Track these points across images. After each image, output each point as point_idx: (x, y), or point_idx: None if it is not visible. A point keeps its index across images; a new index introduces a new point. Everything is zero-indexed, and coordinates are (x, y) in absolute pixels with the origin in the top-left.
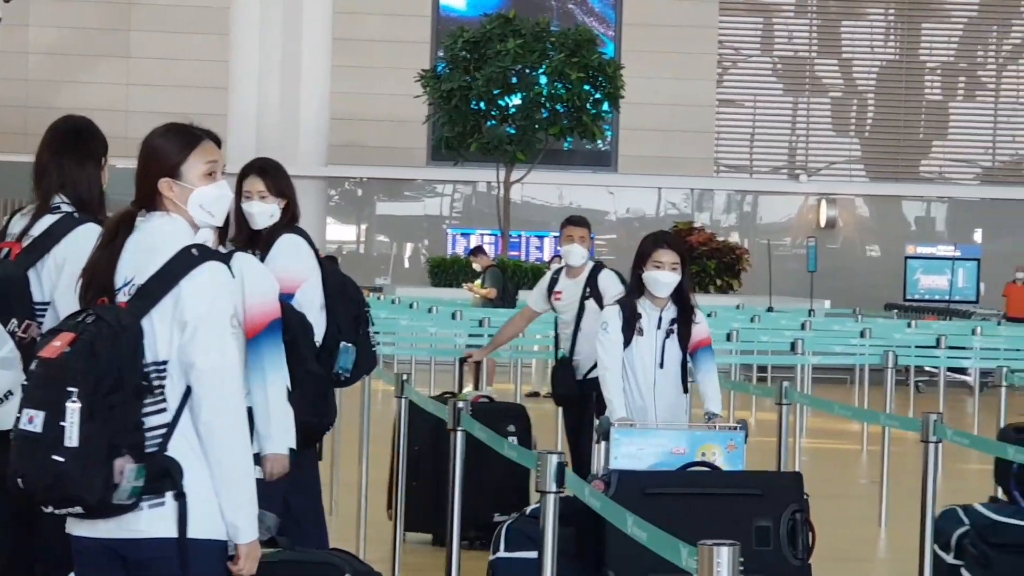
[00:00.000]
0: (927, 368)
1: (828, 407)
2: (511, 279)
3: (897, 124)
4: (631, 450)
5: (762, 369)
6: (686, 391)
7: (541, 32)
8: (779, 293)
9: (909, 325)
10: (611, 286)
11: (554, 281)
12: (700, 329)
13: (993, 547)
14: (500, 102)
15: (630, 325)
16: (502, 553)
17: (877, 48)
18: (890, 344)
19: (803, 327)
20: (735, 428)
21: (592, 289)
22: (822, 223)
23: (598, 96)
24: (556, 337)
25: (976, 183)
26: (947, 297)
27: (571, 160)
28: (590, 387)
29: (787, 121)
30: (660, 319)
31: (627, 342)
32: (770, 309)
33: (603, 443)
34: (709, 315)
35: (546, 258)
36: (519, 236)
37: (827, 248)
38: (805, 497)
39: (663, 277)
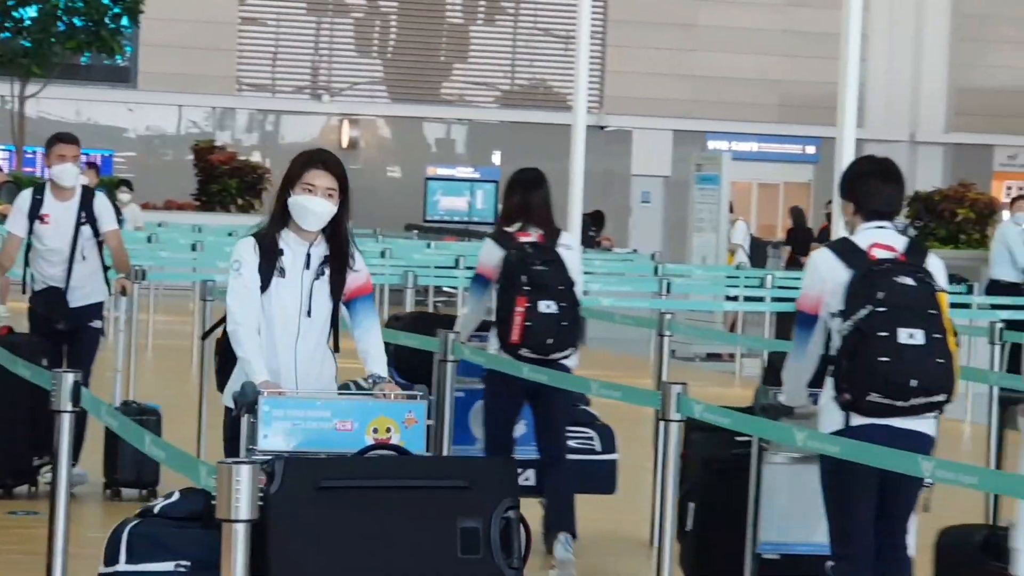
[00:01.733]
0: (446, 288)
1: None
2: None
3: (419, 46)
4: (285, 425)
5: None
6: (337, 349)
7: None
8: None
9: (429, 246)
10: (108, 211)
11: (37, 202)
12: (359, 274)
13: None
14: (14, 14)
15: (269, 263)
16: (123, 566)
17: None
18: (410, 265)
19: None
20: (414, 397)
21: (88, 214)
22: (344, 144)
23: (117, 10)
24: (28, 260)
25: (496, 106)
26: (466, 218)
27: (89, 75)
28: (84, 315)
29: (310, 41)
30: (308, 256)
31: (265, 285)
32: None
33: (246, 417)
34: (230, 234)
35: None
36: (34, 152)
37: (349, 169)
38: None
39: (314, 205)
